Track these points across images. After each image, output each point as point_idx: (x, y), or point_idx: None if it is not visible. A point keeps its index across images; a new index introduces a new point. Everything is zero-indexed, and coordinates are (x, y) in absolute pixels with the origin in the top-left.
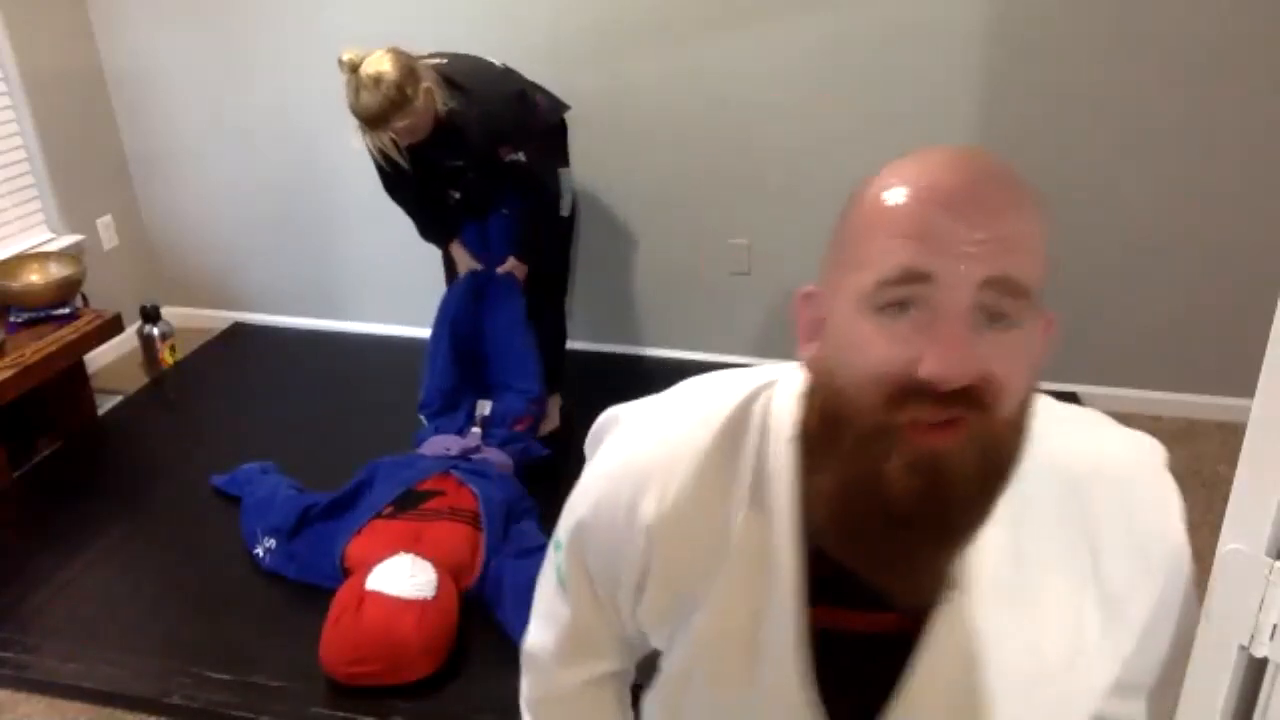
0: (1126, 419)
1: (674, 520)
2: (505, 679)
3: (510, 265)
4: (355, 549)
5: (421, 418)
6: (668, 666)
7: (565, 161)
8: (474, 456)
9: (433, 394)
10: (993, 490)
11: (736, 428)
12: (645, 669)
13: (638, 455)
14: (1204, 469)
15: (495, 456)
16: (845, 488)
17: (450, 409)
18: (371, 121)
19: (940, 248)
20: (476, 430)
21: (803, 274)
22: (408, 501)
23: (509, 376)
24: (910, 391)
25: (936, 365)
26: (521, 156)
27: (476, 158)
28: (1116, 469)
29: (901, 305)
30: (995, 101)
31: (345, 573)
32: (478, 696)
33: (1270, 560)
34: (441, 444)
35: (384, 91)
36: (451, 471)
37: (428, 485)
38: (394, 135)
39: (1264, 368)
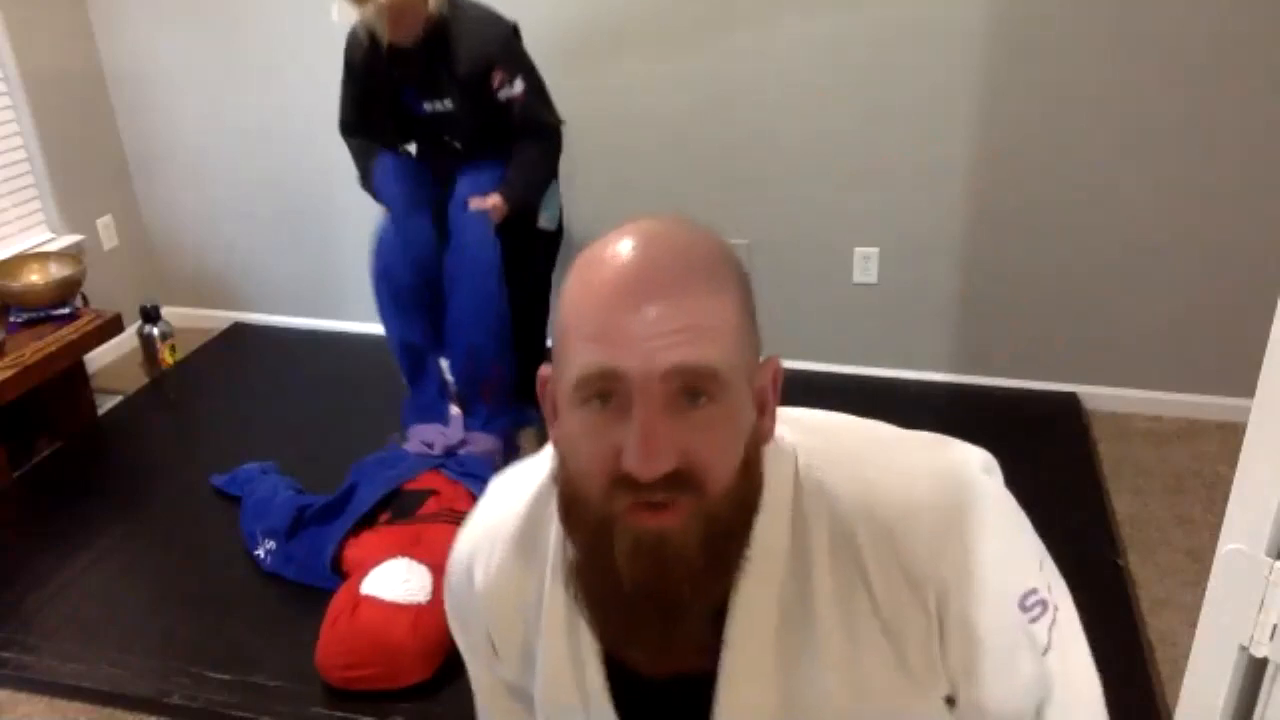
0: (1126, 419)
1: (495, 589)
2: None
3: (493, 201)
4: (353, 553)
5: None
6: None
7: (555, 174)
8: (460, 452)
9: (399, 359)
10: (720, 561)
11: (535, 516)
12: None
13: (470, 530)
14: (1204, 469)
15: (480, 444)
16: (585, 569)
17: (419, 372)
18: None
19: (622, 346)
20: (457, 413)
21: (802, 274)
22: (403, 507)
23: (459, 332)
24: (620, 481)
25: (632, 459)
26: (517, 88)
27: (466, 89)
28: (880, 509)
29: (601, 396)
30: (995, 101)
31: (342, 575)
32: None
33: (1270, 560)
34: (422, 438)
35: None
36: (440, 469)
37: (418, 484)
38: (382, 11)
39: (1264, 368)
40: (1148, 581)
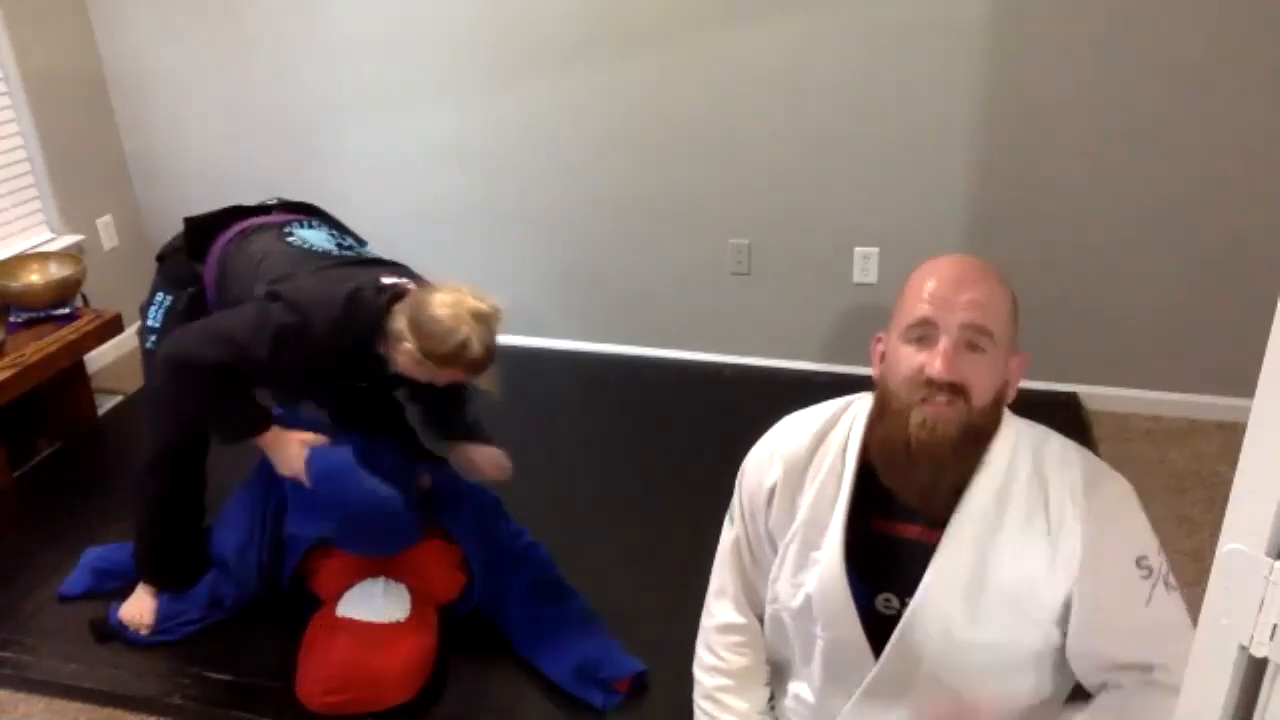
0: (1126, 419)
1: (796, 454)
2: (503, 682)
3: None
4: (326, 582)
5: None
6: (776, 568)
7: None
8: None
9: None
10: (967, 447)
11: (836, 415)
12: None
13: (780, 430)
14: (1204, 469)
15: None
16: (888, 433)
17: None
18: (480, 366)
19: (940, 308)
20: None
21: (803, 274)
22: None
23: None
24: (923, 383)
25: (935, 369)
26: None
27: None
28: (1068, 467)
29: (921, 338)
30: (995, 102)
31: (314, 599)
32: (480, 696)
33: (1270, 560)
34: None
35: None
36: None
37: None
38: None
39: (1264, 368)
40: None
